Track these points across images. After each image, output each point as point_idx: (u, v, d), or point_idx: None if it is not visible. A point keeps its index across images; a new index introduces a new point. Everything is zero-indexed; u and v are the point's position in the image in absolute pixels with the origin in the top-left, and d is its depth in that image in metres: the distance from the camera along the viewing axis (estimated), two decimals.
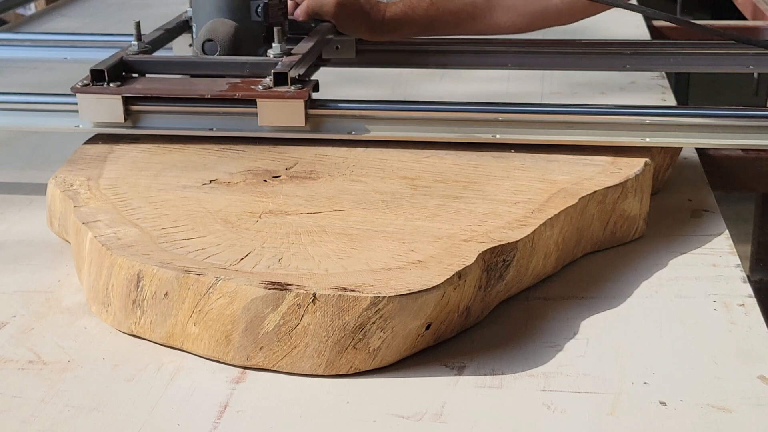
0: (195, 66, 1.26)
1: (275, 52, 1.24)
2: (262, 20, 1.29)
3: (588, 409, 0.84)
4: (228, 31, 1.27)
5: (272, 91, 1.17)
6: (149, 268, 0.91)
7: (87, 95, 1.20)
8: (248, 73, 1.23)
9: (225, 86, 1.19)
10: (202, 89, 1.19)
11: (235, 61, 1.25)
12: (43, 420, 0.83)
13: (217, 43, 1.26)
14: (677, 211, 1.20)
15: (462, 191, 1.08)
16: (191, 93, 1.20)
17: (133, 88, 1.21)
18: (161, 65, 1.28)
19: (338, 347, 0.88)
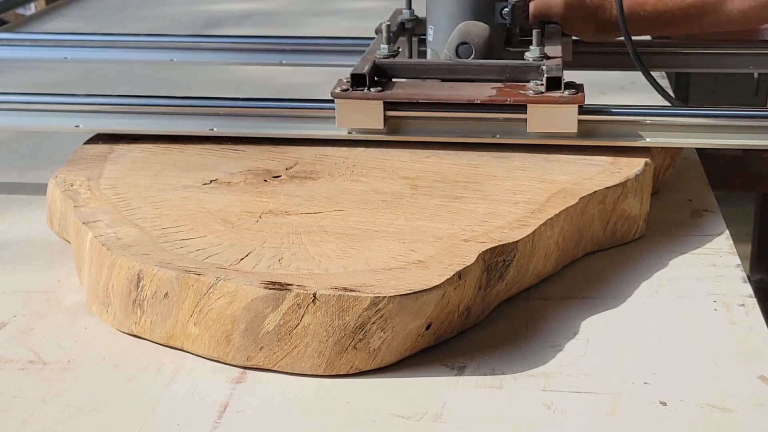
0: (451, 70, 1.22)
1: (534, 55, 1.20)
2: (508, 22, 1.26)
3: (588, 409, 0.84)
4: (483, 34, 1.23)
5: (545, 96, 1.13)
6: (149, 268, 0.91)
7: (347, 101, 1.16)
8: (507, 77, 1.19)
9: (492, 91, 1.16)
10: (469, 95, 1.15)
11: (495, 65, 1.20)
12: (43, 420, 0.83)
13: (472, 46, 1.21)
14: (677, 211, 1.20)
15: (462, 191, 1.08)
16: (459, 99, 1.15)
17: (395, 94, 1.16)
18: (414, 69, 1.24)
19: (338, 347, 0.88)
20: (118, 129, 1.22)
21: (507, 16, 1.26)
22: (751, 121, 1.15)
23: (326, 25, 2.20)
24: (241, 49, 1.53)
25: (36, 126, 1.25)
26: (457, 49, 1.23)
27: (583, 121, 1.15)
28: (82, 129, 1.22)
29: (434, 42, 1.29)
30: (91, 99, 1.24)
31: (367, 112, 1.16)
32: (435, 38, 1.28)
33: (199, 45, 1.54)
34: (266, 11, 2.35)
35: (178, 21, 2.26)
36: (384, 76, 1.21)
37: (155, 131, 1.22)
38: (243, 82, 1.74)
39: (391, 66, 1.22)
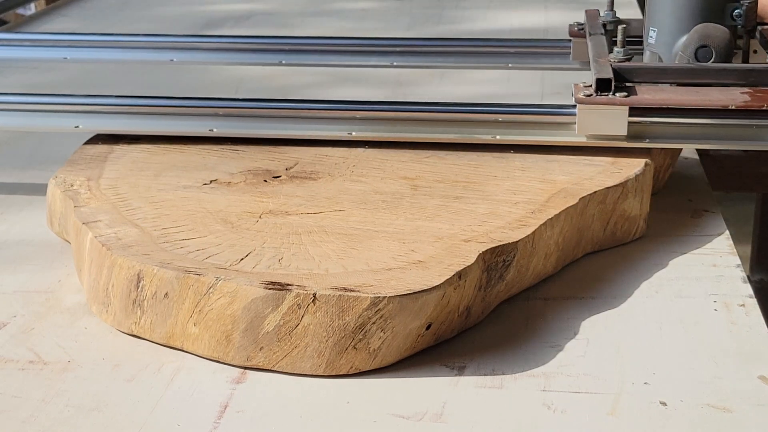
0: (693, 74, 1.18)
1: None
2: (741, 23, 1.23)
3: (588, 409, 0.84)
4: (724, 37, 1.19)
5: None
6: (149, 268, 0.91)
7: (591, 106, 1.12)
8: (750, 81, 1.15)
9: (745, 96, 1.12)
10: (722, 100, 1.11)
11: (739, 69, 1.17)
12: (43, 420, 0.83)
13: (712, 49, 1.18)
14: (677, 211, 1.20)
15: (462, 191, 1.08)
16: (710, 104, 1.11)
17: (641, 99, 1.12)
18: (653, 73, 1.19)
19: (338, 347, 0.88)
20: (118, 129, 1.22)
21: (739, 18, 1.22)
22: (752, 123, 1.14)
23: (326, 25, 2.20)
24: (241, 49, 1.53)
25: (35, 126, 1.25)
26: (696, 52, 1.19)
27: None
28: (82, 129, 1.22)
29: (657, 44, 1.25)
30: (91, 99, 1.24)
31: (611, 118, 1.13)
32: (658, 40, 1.25)
33: (198, 45, 1.54)
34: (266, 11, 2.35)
35: (178, 21, 2.26)
36: (620, 80, 1.17)
37: (154, 132, 1.22)
38: (243, 82, 1.74)
39: (629, 70, 1.18)
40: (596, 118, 1.13)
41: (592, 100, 1.12)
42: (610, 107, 1.12)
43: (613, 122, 1.13)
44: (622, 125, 1.12)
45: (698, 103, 1.12)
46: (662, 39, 1.25)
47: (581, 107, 1.12)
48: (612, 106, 1.12)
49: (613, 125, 1.13)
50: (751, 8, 1.23)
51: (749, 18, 1.23)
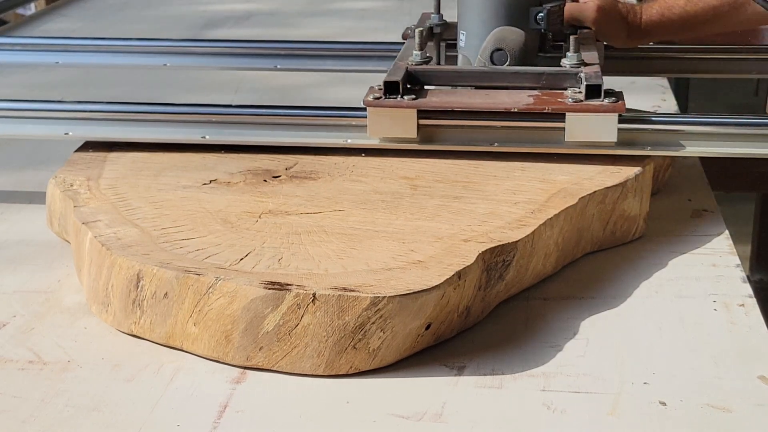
0: (486, 77, 1.19)
1: (571, 62, 1.18)
2: (543, 27, 1.23)
3: (588, 409, 0.84)
4: (519, 40, 1.20)
5: (585, 104, 1.11)
6: (149, 268, 0.91)
7: (379, 109, 1.13)
8: (543, 84, 1.16)
9: (530, 99, 1.13)
10: (506, 102, 1.13)
11: (531, 72, 1.18)
12: (43, 420, 0.83)
13: (507, 53, 1.19)
14: (677, 211, 1.20)
15: (462, 191, 1.08)
16: (494, 107, 1.13)
17: (429, 102, 1.14)
18: (447, 76, 1.21)
19: (338, 347, 0.88)
20: (108, 137, 1.20)
21: (542, 21, 1.23)
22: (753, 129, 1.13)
23: (325, 25, 2.20)
24: (236, 53, 1.53)
25: (24, 133, 1.22)
26: (492, 56, 1.20)
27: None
28: (72, 137, 1.20)
29: (466, 48, 1.26)
30: (81, 106, 1.22)
31: (401, 121, 1.13)
32: (467, 44, 1.25)
33: (192, 49, 1.53)
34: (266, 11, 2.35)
35: (177, 21, 2.26)
36: (416, 83, 1.18)
37: (146, 139, 1.20)
38: (241, 83, 1.74)
39: (424, 73, 1.19)
40: (386, 120, 1.14)
41: (379, 102, 1.13)
42: (398, 110, 1.13)
43: (402, 125, 1.14)
44: (411, 128, 1.13)
45: (482, 106, 1.13)
46: (471, 42, 1.25)
47: (370, 110, 1.14)
48: (399, 108, 1.13)
49: (403, 128, 1.14)
50: (554, 12, 1.24)
51: (552, 21, 1.24)
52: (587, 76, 1.14)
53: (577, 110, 1.11)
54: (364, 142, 1.17)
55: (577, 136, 1.12)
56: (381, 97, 1.14)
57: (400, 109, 1.13)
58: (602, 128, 1.11)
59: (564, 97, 1.13)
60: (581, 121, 1.12)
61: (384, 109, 1.13)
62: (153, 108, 1.22)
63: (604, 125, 1.11)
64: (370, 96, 1.14)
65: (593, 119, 1.11)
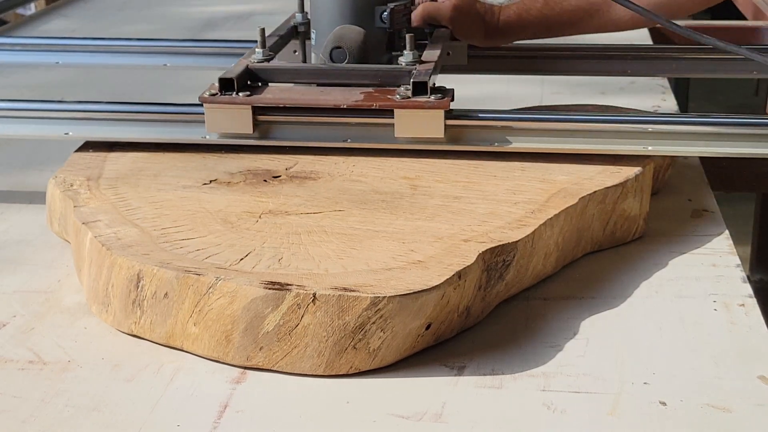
0: (323, 74, 1.22)
1: (407, 60, 1.19)
2: (387, 26, 1.25)
3: (588, 409, 0.84)
4: (357, 38, 1.22)
5: (411, 101, 1.13)
6: (149, 268, 0.91)
7: (215, 105, 1.15)
8: (379, 81, 1.18)
9: (360, 96, 1.15)
10: (336, 99, 1.15)
11: (367, 70, 1.20)
12: (43, 420, 0.83)
13: (345, 51, 1.21)
14: (677, 211, 1.20)
15: (462, 191, 1.08)
16: (325, 103, 1.15)
17: (263, 98, 1.16)
18: (287, 74, 1.23)
19: (338, 347, 0.88)
20: (108, 137, 1.20)
21: (386, 20, 1.25)
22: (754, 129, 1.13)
23: None
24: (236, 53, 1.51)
25: (24, 134, 1.22)
26: (331, 54, 1.22)
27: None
28: (72, 137, 1.20)
29: (316, 46, 1.28)
30: (81, 106, 1.22)
31: (237, 117, 1.16)
32: (317, 42, 1.27)
33: (192, 49, 1.53)
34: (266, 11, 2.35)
35: (177, 21, 2.26)
36: (259, 81, 1.21)
37: (146, 139, 1.20)
38: None
39: (264, 70, 1.22)
40: (223, 116, 1.16)
41: (215, 99, 1.15)
42: (233, 106, 1.15)
43: (238, 120, 1.16)
44: (247, 123, 1.15)
45: (313, 103, 1.16)
46: (320, 41, 1.27)
47: (207, 106, 1.16)
48: (234, 105, 1.15)
49: (239, 123, 1.16)
50: (398, 10, 1.25)
51: (396, 20, 1.25)
52: (417, 73, 1.16)
53: (404, 107, 1.14)
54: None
55: (406, 132, 1.15)
56: (217, 93, 1.16)
57: (235, 105, 1.16)
58: (429, 124, 1.14)
59: (395, 93, 1.15)
60: (409, 117, 1.14)
61: (219, 105, 1.16)
62: (153, 108, 1.22)
63: (431, 121, 1.14)
64: (206, 93, 1.16)
65: (420, 115, 1.14)
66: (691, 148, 1.15)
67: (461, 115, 1.16)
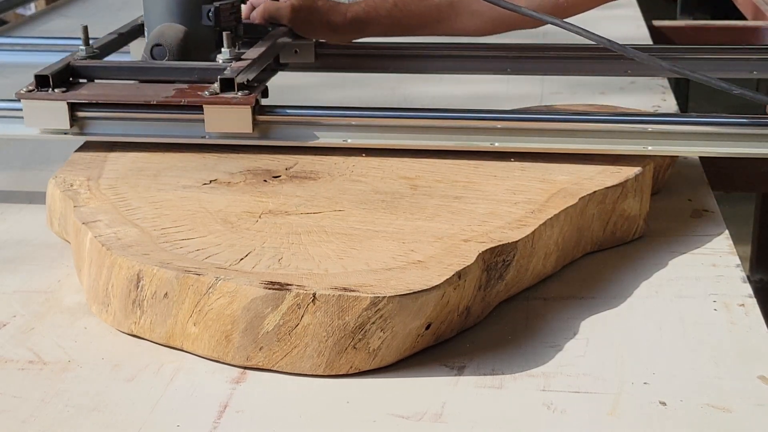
0: (143, 71, 1.24)
1: (224, 57, 1.23)
2: (214, 24, 1.27)
3: (588, 409, 0.84)
4: (177, 36, 1.25)
5: (218, 97, 1.16)
6: (149, 268, 0.91)
7: (32, 101, 1.18)
8: (196, 78, 1.21)
9: (172, 92, 1.18)
10: (148, 95, 1.18)
11: (183, 67, 1.23)
12: (43, 420, 0.83)
13: (165, 48, 1.24)
14: (677, 211, 1.20)
15: (462, 191, 1.08)
16: (136, 99, 1.18)
17: (78, 94, 1.19)
18: (109, 71, 1.26)
19: (338, 347, 0.88)
20: (109, 137, 1.20)
21: (212, 18, 1.27)
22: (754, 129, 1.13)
23: None
24: None
25: (24, 134, 1.22)
26: (152, 51, 1.25)
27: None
28: (72, 137, 1.20)
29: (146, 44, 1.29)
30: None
31: (54, 113, 1.18)
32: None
33: None
34: None
35: None
36: (84, 77, 1.23)
37: (147, 139, 1.20)
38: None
39: (86, 67, 1.24)
40: (40, 112, 1.19)
41: (33, 95, 1.18)
42: (50, 102, 1.18)
43: (56, 116, 1.18)
44: (64, 119, 1.18)
45: (125, 99, 1.19)
46: None
47: (24, 101, 1.18)
48: (50, 101, 1.18)
49: (56, 119, 1.18)
50: (225, 9, 1.28)
51: (223, 18, 1.28)
52: (230, 70, 1.18)
53: (210, 102, 1.16)
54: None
55: (216, 127, 1.17)
56: (34, 89, 1.18)
57: (50, 101, 1.18)
58: (237, 120, 1.16)
59: (205, 90, 1.17)
60: (217, 112, 1.16)
61: (36, 101, 1.18)
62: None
63: (238, 117, 1.16)
64: (23, 89, 1.19)
65: (227, 111, 1.16)
66: (691, 148, 1.15)
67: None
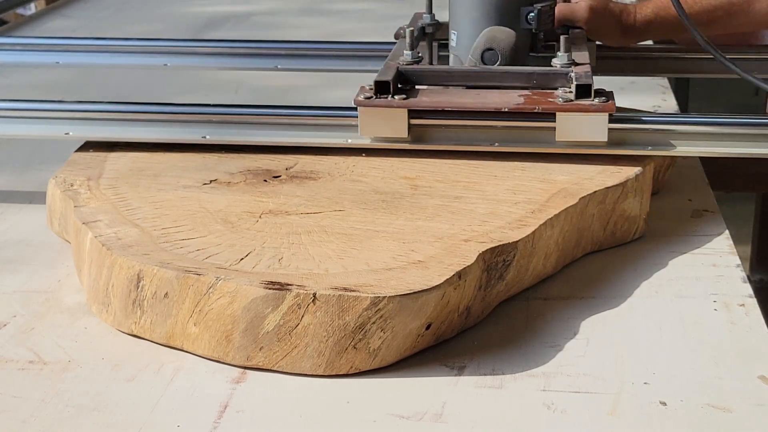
0: (476, 77, 1.19)
1: (562, 62, 1.18)
2: (534, 27, 1.23)
3: (588, 409, 0.84)
4: (509, 40, 1.20)
5: (575, 104, 1.11)
6: (149, 268, 0.91)
7: (369, 108, 1.13)
8: (534, 84, 1.16)
9: (520, 99, 1.13)
10: (496, 102, 1.13)
11: (522, 72, 1.18)
12: (43, 420, 0.83)
13: (497, 53, 1.19)
14: (677, 211, 1.20)
15: (462, 191, 1.08)
16: (485, 106, 1.13)
17: (419, 102, 1.14)
18: (438, 76, 1.21)
19: (338, 347, 0.88)
20: (109, 137, 1.20)
21: (533, 21, 1.23)
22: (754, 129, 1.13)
23: (325, 25, 2.20)
24: (236, 53, 1.52)
25: (24, 133, 1.22)
26: (483, 56, 1.20)
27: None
28: (72, 137, 1.20)
29: (457, 48, 1.26)
30: (81, 106, 1.22)
31: (391, 121, 1.14)
32: (458, 44, 1.25)
33: (192, 49, 1.53)
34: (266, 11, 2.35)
35: (177, 21, 2.26)
36: (407, 83, 1.18)
37: (146, 139, 1.20)
38: (242, 83, 1.74)
39: (415, 72, 1.19)
40: (377, 120, 1.14)
41: (370, 102, 1.14)
42: (389, 109, 1.13)
43: (393, 124, 1.14)
44: (402, 127, 1.14)
45: (473, 106, 1.13)
46: (462, 42, 1.25)
47: (361, 109, 1.14)
48: (390, 108, 1.13)
49: (394, 127, 1.14)
50: (544, 11, 1.24)
51: (543, 21, 1.24)
52: (577, 75, 1.14)
53: (568, 110, 1.12)
54: (359, 141, 1.17)
55: (567, 135, 1.13)
56: (372, 96, 1.14)
57: (391, 108, 1.14)
58: (593, 128, 1.12)
59: (554, 96, 1.14)
60: (571, 120, 1.12)
61: (375, 108, 1.14)
62: (153, 108, 1.22)
63: (594, 125, 1.12)
64: (361, 96, 1.14)
65: (583, 119, 1.12)
66: (691, 148, 1.15)
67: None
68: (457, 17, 1.26)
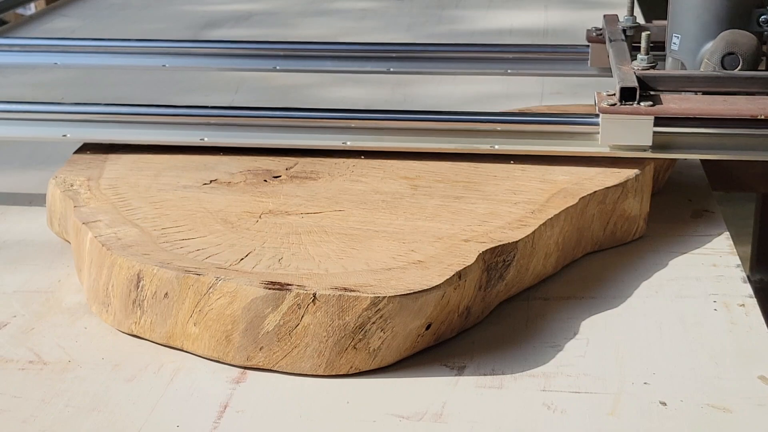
0: (718, 82, 1.14)
1: None
2: (766, 30, 1.18)
3: (588, 409, 0.84)
4: (751, 44, 1.16)
5: None
6: (149, 268, 0.91)
7: (614, 116, 1.09)
8: None
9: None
10: (750, 109, 1.08)
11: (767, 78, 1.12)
12: (43, 420, 0.83)
13: (739, 57, 1.15)
14: (677, 211, 1.20)
15: (462, 191, 1.08)
16: (739, 113, 1.08)
17: (668, 109, 1.09)
18: (676, 81, 1.15)
19: (338, 347, 0.88)
20: (107, 138, 1.20)
21: (765, 23, 1.19)
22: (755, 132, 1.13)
23: (325, 25, 2.20)
24: (235, 54, 1.52)
25: (22, 135, 1.21)
26: (723, 60, 1.16)
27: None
28: (70, 139, 1.19)
29: (680, 51, 1.23)
30: (79, 108, 1.21)
31: (636, 128, 1.09)
32: (681, 47, 1.22)
33: (192, 50, 1.53)
34: (266, 11, 2.35)
35: (177, 21, 2.26)
36: (644, 89, 1.13)
37: (144, 141, 1.20)
38: (241, 84, 1.74)
39: (654, 78, 1.14)
40: (620, 128, 1.10)
41: (616, 109, 1.09)
42: (635, 117, 1.09)
43: (637, 132, 1.09)
44: (647, 135, 1.10)
45: (726, 113, 1.09)
46: (686, 45, 1.23)
47: (605, 117, 1.10)
48: (637, 116, 1.09)
49: (637, 135, 1.10)
50: None
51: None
52: None
53: None
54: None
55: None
56: (616, 103, 1.10)
57: (638, 116, 1.09)
58: None
59: None
60: None
61: (620, 116, 1.09)
62: (152, 110, 1.22)
63: None
64: (603, 103, 1.10)
65: None
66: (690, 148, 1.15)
67: None
68: (682, 20, 1.22)
